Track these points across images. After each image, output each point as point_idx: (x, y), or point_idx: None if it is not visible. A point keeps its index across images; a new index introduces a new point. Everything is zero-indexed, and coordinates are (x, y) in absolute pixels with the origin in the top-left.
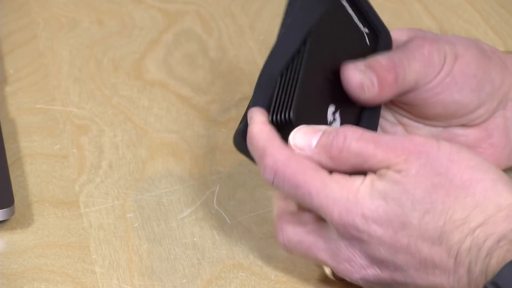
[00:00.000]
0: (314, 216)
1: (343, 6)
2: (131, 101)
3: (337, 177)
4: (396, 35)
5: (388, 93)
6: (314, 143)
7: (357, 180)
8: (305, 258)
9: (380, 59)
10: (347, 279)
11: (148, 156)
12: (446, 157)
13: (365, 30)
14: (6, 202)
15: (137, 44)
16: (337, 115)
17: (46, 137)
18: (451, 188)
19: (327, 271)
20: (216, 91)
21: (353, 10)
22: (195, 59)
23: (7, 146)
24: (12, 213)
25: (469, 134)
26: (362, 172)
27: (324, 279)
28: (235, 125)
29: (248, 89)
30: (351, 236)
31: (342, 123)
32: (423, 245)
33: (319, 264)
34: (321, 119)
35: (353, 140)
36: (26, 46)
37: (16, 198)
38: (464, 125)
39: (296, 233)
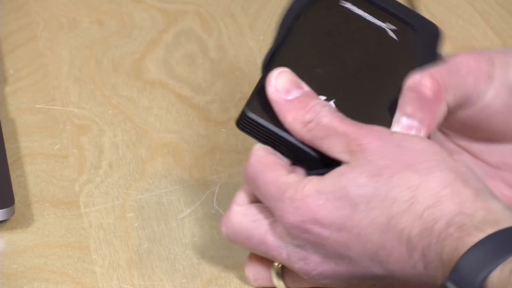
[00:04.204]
0: (264, 209)
1: (340, 6)
2: (131, 101)
3: (290, 180)
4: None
5: (435, 121)
6: (294, 95)
7: (306, 179)
8: (254, 252)
9: (424, 80)
10: (305, 277)
11: (148, 156)
12: (395, 142)
13: (388, 26)
14: (6, 202)
15: (137, 44)
16: (332, 104)
17: (46, 137)
18: (395, 168)
19: (274, 274)
20: (216, 91)
21: (365, 10)
22: (195, 59)
23: (7, 146)
24: (12, 213)
25: None
26: (317, 147)
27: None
28: (235, 125)
29: (248, 89)
30: (302, 236)
31: None
32: (372, 234)
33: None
34: None
35: (329, 112)
36: (26, 46)
37: (16, 198)
38: None
39: (243, 227)
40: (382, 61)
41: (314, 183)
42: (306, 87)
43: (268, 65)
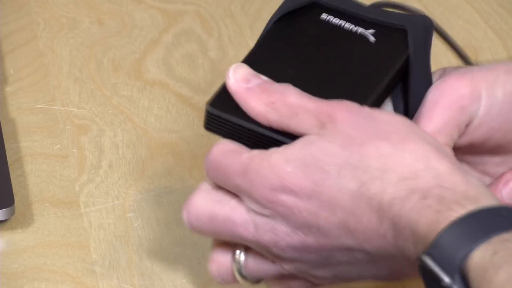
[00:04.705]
0: (228, 193)
1: (319, 17)
2: (131, 101)
3: (253, 153)
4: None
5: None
6: (254, 82)
7: (271, 149)
8: (216, 236)
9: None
10: (274, 250)
11: (148, 156)
12: (366, 114)
13: (369, 31)
14: (6, 201)
15: (137, 44)
16: None
17: (46, 137)
18: (366, 138)
19: (236, 269)
20: None
21: (346, 20)
22: (195, 59)
23: (7, 146)
24: (12, 212)
25: None
26: (285, 128)
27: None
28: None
29: None
30: (270, 206)
31: None
32: (343, 201)
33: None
34: None
35: (294, 91)
36: (26, 46)
37: (16, 198)
38: None
39: (207, 208)
40: (356, 65)
41: (281, 150)
42: (264, 77)
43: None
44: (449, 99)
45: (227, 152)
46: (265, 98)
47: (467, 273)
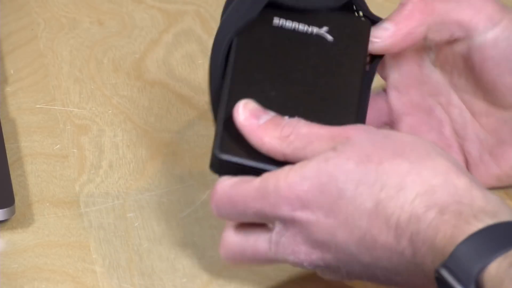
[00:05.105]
0: (254, 225)
1: (271, 25)
2: (131, 101)
3: (266, 175)
4: None
5: (413, 24)
6: (265, 118)
7: (286, 167)
8: (253, 266)
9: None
10: (300, 268)
11: (148, 156)
12: (383, 134)
13: (324, 29)
14: (6, 201)
15: (137, 44)
16: None
17: (47, 137)
18: (384, 156)
19: None
20: None
21: (298, 20)
22: (195, 59)
23: (7, 146)
24: (12, 212)
25: None
26: (301, 159)
27: (323, 278)
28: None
29: None
30: (290, 224)
31: None
32: (360, 220)
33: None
34: None
35: (304, 122)
36: (26, 46)
37: (16, 198)
38: None
39: (237, 243)
40: (326, 66)
41: (297, 168)
42: (272, 113)
43: (222, 100)
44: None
45: (234, 184)
46: (279, 133)
47: (483, 285)
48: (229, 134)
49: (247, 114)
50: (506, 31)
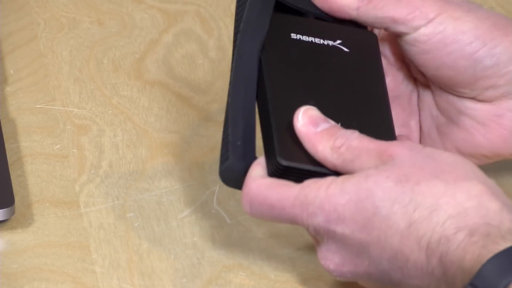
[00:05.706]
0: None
1: (289, 37)
2: (131, 101)
3: (307, 183)
4: None
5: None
6: (323, 127)
7: (329, 178)
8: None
9: None
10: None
11: (148, 156)
12: (426, 153)
13: (335, 43)
14: (6, 201)
15: (137, 44)
16: None
17: (46, 137)
18: (422, 176)
19: None
20: (216, 91)
21: (314, 35)
22: (195, 59)
23: (7, 146)
24: (12, 212)
25: (478, 109)
26: (349, 171)
27: (324, 278)
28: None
29: None
30: (326, 236)
31: None
32: (392, 238)
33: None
34: None
35: (357, 135)
36: (26, 46)
37: (16, 198)
38: (473, 99)
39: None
40: (352, 76)
41: (339, 181)
42: (332, 122)
43: (265, 109)
44: None
45: (272, 186)
46: (332, 143)
47: None
48: (286, 141)
49: (305, 120)
50: (440, 25)
